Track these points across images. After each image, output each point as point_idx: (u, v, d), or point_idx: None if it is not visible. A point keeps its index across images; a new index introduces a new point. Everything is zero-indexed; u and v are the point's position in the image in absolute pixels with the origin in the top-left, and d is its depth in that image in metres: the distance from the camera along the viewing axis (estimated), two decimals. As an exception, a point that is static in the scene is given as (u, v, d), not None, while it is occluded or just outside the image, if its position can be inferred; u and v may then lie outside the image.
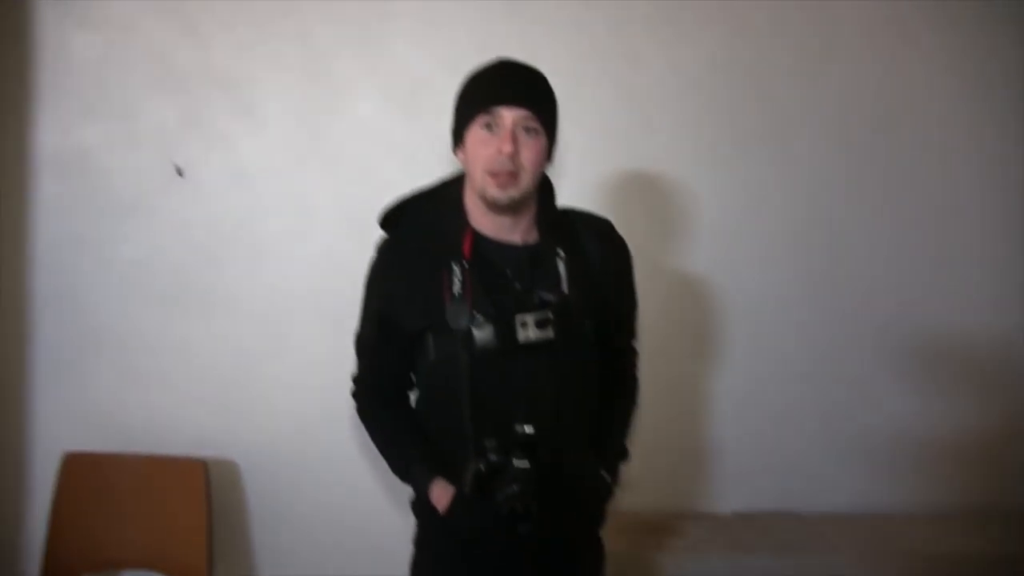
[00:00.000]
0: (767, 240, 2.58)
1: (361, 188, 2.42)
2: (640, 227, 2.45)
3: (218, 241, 2.49)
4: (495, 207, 1.62)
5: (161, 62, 2.46)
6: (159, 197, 2.48)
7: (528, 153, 1.59)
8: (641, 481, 2.45)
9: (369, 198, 1.78)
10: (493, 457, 1.54)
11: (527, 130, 1.59)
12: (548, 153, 1.65)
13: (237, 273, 2.50)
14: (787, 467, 2.58)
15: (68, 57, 2.45)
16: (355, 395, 1.80)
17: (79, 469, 2.40)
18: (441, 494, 1.66)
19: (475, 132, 1.61)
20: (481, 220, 1.67)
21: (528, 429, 1.55)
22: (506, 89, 1.61)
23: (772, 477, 2.58)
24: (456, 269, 1.62)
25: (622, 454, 1.82)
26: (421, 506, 1.73)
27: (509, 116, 1.58)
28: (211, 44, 2.47)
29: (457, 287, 1.61)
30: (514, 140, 1.58)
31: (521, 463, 1.53)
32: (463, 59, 1.72)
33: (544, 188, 1.71)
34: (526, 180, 1.60)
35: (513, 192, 1.60)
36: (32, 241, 2.47)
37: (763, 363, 2.58)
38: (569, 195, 2.35)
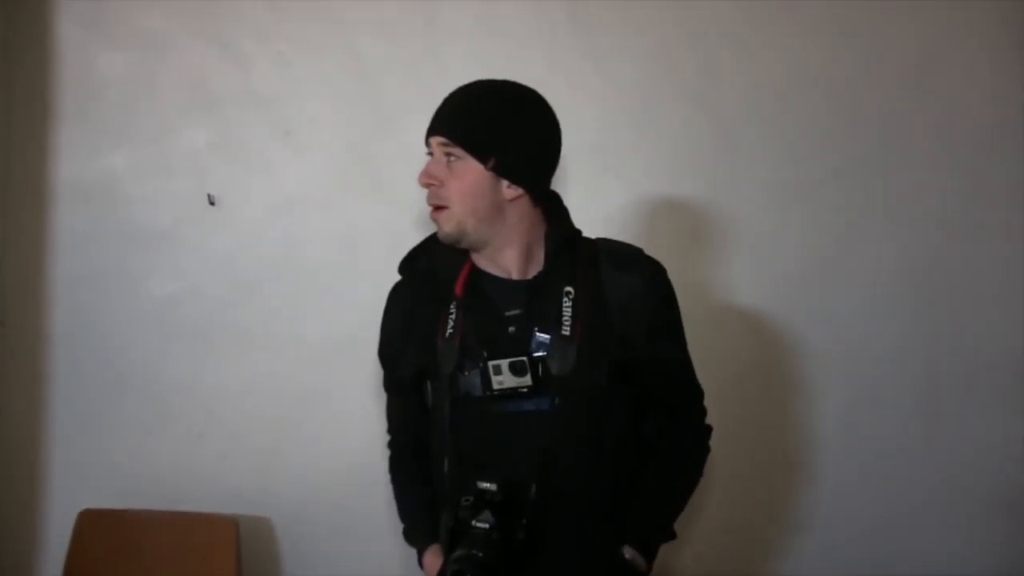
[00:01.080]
0: (865, 275, 2.43)
1: (411, 216, 2.29)
2: (719, 258, 2.38)
3: (255, 276, 2.39)
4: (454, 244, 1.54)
5: (194, 82, 2.38)
6: (191, 228, 2.38)
7: (454, 182, 1.48)
8: (727, 543, 2.40)
9: (419, 227, 1.69)
10: (461, 515, 1.41)
11: (449, 157, 1.49)
12: (508, 176, 1.47)
13: (276, 311, 2.39)
14: (887, 529, 2.45)
15: (92, 77, 2.37)
16: (389, 445, 1.75)
17: (97, 527, 2.28)
18: (432, 562, 1.54)
19: None
20: (479, 256, 1.56)
21: (490, 486, 1.40)
22: (433, 119, 1.53)
23: (871, 541, 2.45)
24: (453, 309, 1.53)
25: (662, 533, 1.59)
26: None
27: (434, 145, 1.51)
28: (249, 62, 2.39)
29: (450, 328, 1.51)
30: (437, 170, 1.49)
31: (481, 524, 1.38)
32: (526, 76, 1.58)
33: (554, 213, 1.57)
34: (457, 211, 1.49)
35: (446, 227, 1.50)
36: (51, 276, 2.37)
37: (860, 408, 2.44)
38: (639, 217, 2.35)
